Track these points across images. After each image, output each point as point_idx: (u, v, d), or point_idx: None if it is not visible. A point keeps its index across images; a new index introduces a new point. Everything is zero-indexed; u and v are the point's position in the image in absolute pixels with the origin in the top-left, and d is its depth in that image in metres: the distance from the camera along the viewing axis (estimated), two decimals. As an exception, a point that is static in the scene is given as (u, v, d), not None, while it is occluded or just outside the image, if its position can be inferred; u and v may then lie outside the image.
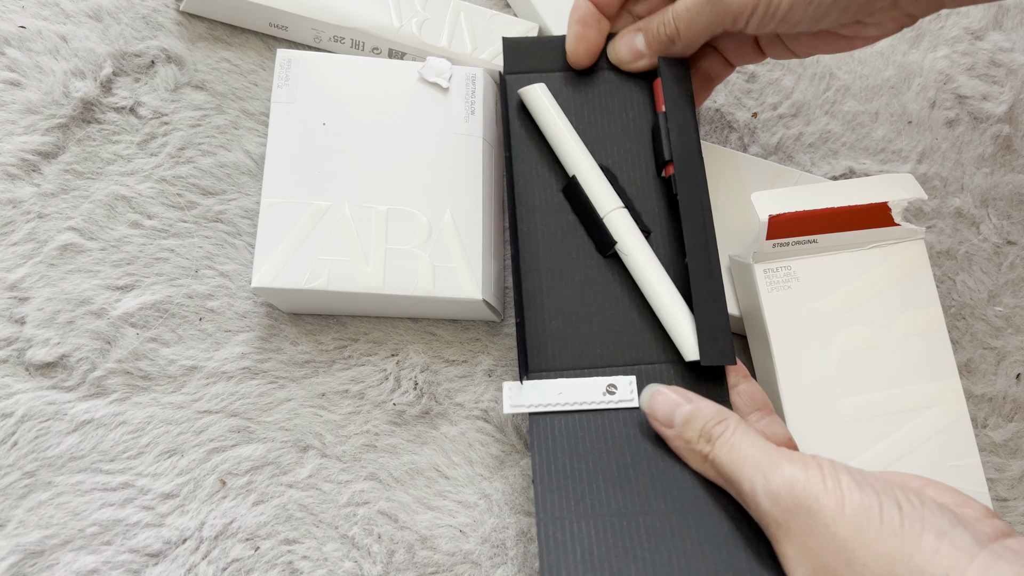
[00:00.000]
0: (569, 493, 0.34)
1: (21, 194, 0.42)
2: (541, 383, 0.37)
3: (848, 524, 0.26)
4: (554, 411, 0.36)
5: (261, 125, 0.46)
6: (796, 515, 0.27)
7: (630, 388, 0.37)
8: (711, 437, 0.32)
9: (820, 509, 0.27)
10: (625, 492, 0.34)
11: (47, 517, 0.38)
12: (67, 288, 0.41)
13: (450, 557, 0.40)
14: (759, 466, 0.29)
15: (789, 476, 0.28)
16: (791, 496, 0.28)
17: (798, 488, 0.28)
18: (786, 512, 0.28)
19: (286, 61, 0.43)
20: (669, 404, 0.34)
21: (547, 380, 0.37)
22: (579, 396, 0.37)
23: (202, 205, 0.44)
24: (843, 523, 0.26)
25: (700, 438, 0.32)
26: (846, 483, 0.27)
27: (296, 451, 0.41)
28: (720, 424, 0.32)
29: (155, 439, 0.40)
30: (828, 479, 0.28)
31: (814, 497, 0.27)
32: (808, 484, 0.28)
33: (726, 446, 0.31)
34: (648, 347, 0.39)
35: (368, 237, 0.40)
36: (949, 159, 0.53)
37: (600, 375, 0.38)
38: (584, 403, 0.37)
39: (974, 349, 0.48)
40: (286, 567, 0.39)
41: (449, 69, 0.44)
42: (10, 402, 0.39)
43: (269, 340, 0.42)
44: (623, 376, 0.38)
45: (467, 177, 0.43)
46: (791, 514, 0.28)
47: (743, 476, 0.30)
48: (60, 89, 0.44)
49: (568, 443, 0.36)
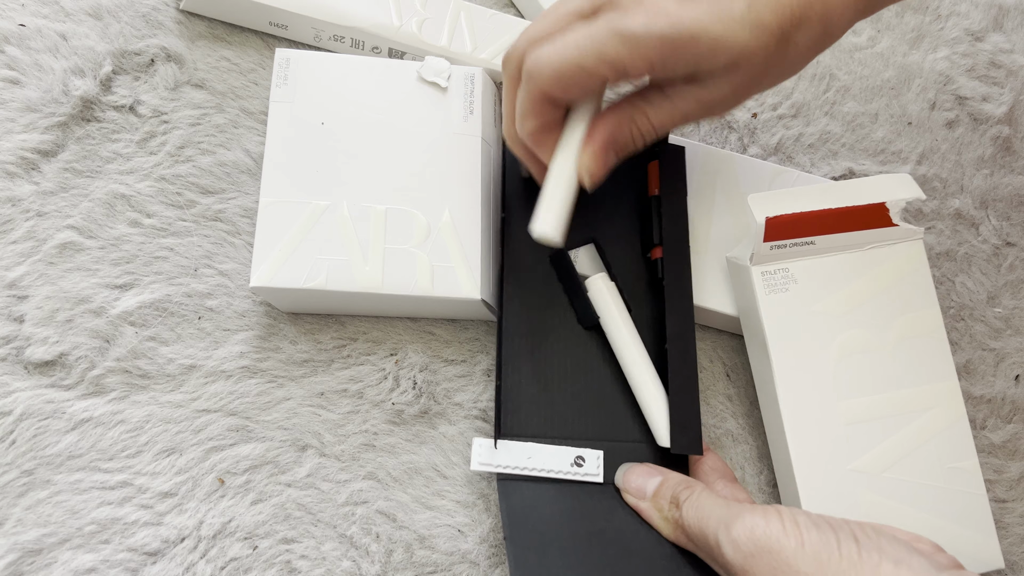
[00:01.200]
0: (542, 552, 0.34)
1: (20, 192, 0.42)
2: (512, 445, 0.38)
3: (809, 560, 0.28)
4: (521, 474, 0.38)
5: (260, 124, 0.46)
6: (759, 558, 0.29)
7: (597, 463, 0.39)
8: (679, 502, 0.34)
9: (781, 549, 0.28)
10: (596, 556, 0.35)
11: (45, 515, 0.38)
12: (66, 286, 0.41)
13: (448, 556, 0.40)
14: (721, 519, 0.31)
15: (749, 523, 0.30)
16: (752, 541, 0.29)
17: (758, 532, 0.29)
18: (749, 557, 0.29)
19: (285, 60, 0.43)
20: (641, 478, 0.37)
21: (518, 443, 0.38)
22: (547, 463, 0.38)
23: (201, 204, 0.44)
24: (804, 559, 0.28)
25: (670, 505, 0.35)
26: (803, 523, 0.29)
27: (295, 450, 0.41)
28: (687, 489, 0.35)
29: (154, 438, 0.40)
30: (787, 522, 0.29)
31: (775, 539, 0.29)
32: (768, 527, 0.29)
33: (692, 507, 0.33)
34: (619, 424, 0.40)
35: (367, 236, 0.40)
36: (949, 160, 0.53)
37: (570, 445, 0.39)
38: (552, 471, 0.38)
39: (973, 351, 0.48)
40: (284, 566, 0.39)
41: (448, 68, 0.44)
42: (9, 400, 0.39)
43: (268, 339, 0.42)
44: (591, 450, 0.39)
45: (466, 177, 0.43)
46: (754, 558, 0.29)
47: (708, 531, 0.32)
48: (60, 87, 0.44)
49: (537, 507, 0.37)
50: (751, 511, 0.31)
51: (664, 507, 0.35)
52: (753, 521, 0.30)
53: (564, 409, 0.40)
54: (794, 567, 0.28)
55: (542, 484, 0.38)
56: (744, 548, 0.29)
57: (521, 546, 0.34)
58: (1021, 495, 0.46)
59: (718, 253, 0.44)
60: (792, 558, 0.28)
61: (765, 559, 0.29)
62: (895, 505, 0.39)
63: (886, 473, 0.39)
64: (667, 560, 0.35)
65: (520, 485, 0.37)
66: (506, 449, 0.38)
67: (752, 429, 0.45)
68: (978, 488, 0.40)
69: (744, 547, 0.29)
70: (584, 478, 0.38)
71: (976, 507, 0.40)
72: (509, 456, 0.38)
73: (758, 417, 0.45)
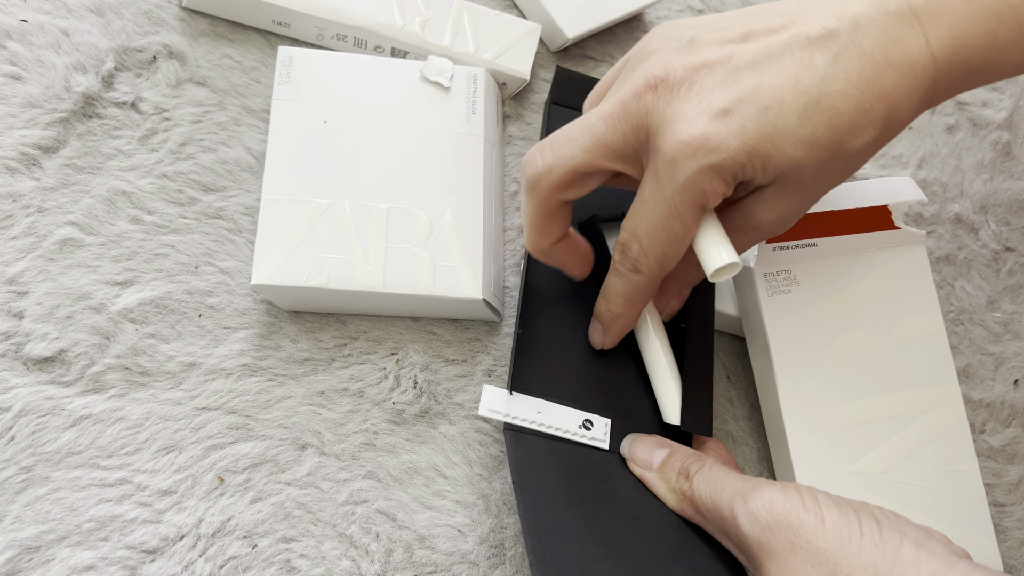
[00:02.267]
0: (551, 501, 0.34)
1: (21, 188, 0.42)
2: (522, 398, 0.38)
3: (830, 537, 0.27)
4: (529, 428, 0.37)
5: (262, 122, 0.46)
6: (778, 532, 0.28)
7: (604, 430, 0.38)
8: (689, 473, 0.33)
9: (801, 525, 0.28)
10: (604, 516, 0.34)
11: (44, 512, 0.38)
12: (66, 283, 0.41)
13: (448, 557, 0.40)
14: (738, 491, 0.30)
15: (769, 496, 0.29)
16: (771, 514, 0.28)
17: (778, 506, 0.29)
18: (767, 530, 0.28)
19: (287, 58, 0.43)
20: (649, 448, 0.36)
21: (529, 397, 0.38)
22: (556, 421, 0.38)
23: (202, 201, 0.44)
24: (825, 536, 0.27)
25: (679, 476, 0.34)
26: (823, 501, 0.29)
27: (295, 449, 0.40)
28: (698, 462, 0.34)
29: (153, 435, 0.40)
30: (806, 498, 0.29)
31: (795, 514, 0.28)
32: (788, 502, 0.29)
33: (704, 479, 0.33)
34: (628, 399, 0.40)
35: (368, 235, 0.40)
36: (949, 165, 0.53)
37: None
38: (560, 430, 0.38)
39: (972, 354, 0.49)
40: (283, 565, 0.38)
41: (451, 68, 0.44)
42: (7, 396, 0.39)
43: (268, 337, 0.42)
44: (599, 416, 0.38)
45: (468, 177, 0.43)
46: (772, 532, 0.28)
47: (722, 503, 0.31)
48: (61, 83, 0.43)
49: (544, 461, 0.36)
50: (769, 485, 0.30)
51: (672, 478, 0.34)
52: (772, 495, 0.29)
53: (576, 375, 0.39)
54: (814, 544, 0.27)
55: (549, 441, 0.37)
56: (762, 520, 0.29)
57: (531, 492, 0.34)
58: (1020, 499, 0.46)
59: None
60: (812, 535, 0.27)
61: (784, 534, 0.28)
62: (895, 507, 0.39)
63: (886, 475, 0.39)
64: (673, 530, 0.34)
65: (527, 438, 0.37)
66: (517, 401, 0.37)
67: (752, 431, 0.45)
68: (978, 491, 0.40)
69: (762, 519, 0.29)
70: (591, 442, 0.38)
71: (976, 510, 0.40)
72: (519, 408, 0.37)
73: (759, 420, 0.45)
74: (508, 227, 0.46)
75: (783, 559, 0.28)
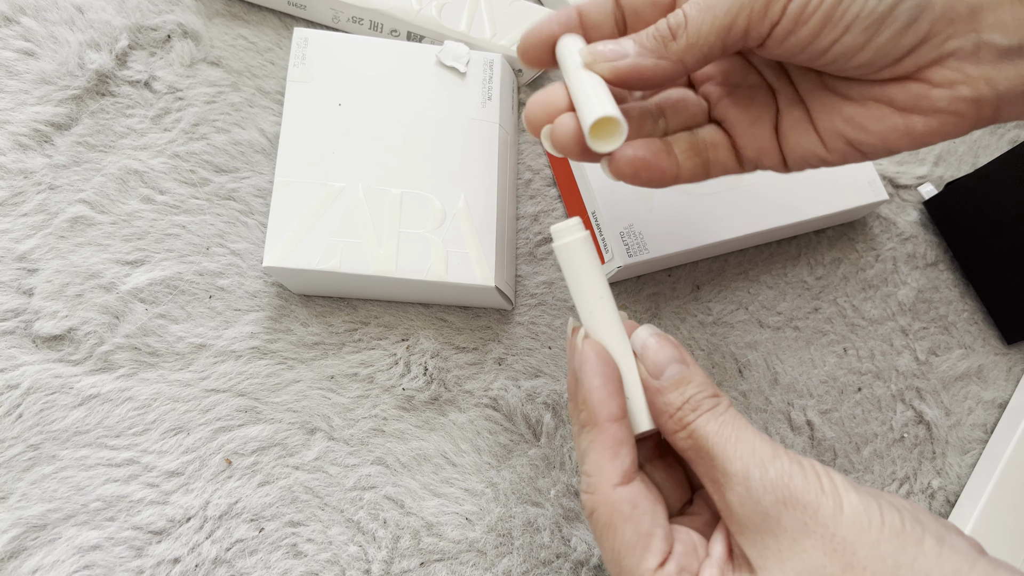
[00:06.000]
0: None
1: (33, 165, 0.42)
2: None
3: (848, 525, 0.25)
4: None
5: (276, 104, 0.45)
6: (792, 509, 0.26)
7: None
8: (698, 407, 0.29)
9: (819, 507, 0.26)
10: None
11: (50, 491, 0.38)
12: (76, 261, 0.41)
13: (455, 545, 0.39)
14: (756, 452, 0.27)
15: (788, 469, 0.27)
16: (788, 489, 0.26)
17: (796, 482, 0.26)
18: (780, 504, 0.26)
19: (303, 40, 0.43)
20: (665, 352, 0.30)
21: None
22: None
23: (215, 182, 0.43)
24: (842, 523, 0.25)
25: (686, 405, 0.29)
26: (841, 484, 0.26)
27: (303, 433, 0.40)
28: (713, 399, 0.29)
29: (161, 416, 0.39)
30: (823, 479, 0.27)
31: (813, 494, 0.26)
32: (806, 481, 0.26)
33: (716, 421, 0.29)
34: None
35: (381, 220, 0.40)
36: (966, 163, 0.52)
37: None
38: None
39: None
40: (290, 549, 0.38)
41: (467, 54, 0.44)
42: (16, 374, 0.39)
43: (279, 320, 0.42)
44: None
45: (482, 163, 0.42)
46: (785, 507, 0.26)
47: (734, 456, 0.27)
48: (75, 60, 0.43)
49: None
50: (788, 456, 0.27)
51: (676, 403, 0.29)
52: (792, 468, 0.27)
53: None
54: (831, 529, 0.25)
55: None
56: (778, 493, 0.26)
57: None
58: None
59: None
60: (829, 519, 0.25)
61: (798, 513, 0.26)
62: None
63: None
64: None
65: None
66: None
67: (761, 428, 0.44)
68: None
69: (778, 492, 0.26)
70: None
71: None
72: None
73: (772, 412, 0.44)
74: (521, 215, 0.46)
75: (792, 538, 0.26)
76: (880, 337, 0.47)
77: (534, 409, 0.42)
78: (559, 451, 0.42)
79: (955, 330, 0.48)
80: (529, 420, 0.42)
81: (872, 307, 0.48)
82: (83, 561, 0.37)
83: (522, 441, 0.42)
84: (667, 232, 0.43)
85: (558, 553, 0.40)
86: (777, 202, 0.44)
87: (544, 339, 0.44)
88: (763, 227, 0.44)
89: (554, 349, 0.44)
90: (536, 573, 0.39)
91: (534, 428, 0.42)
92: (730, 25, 0.28)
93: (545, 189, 0.47)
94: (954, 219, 0.49)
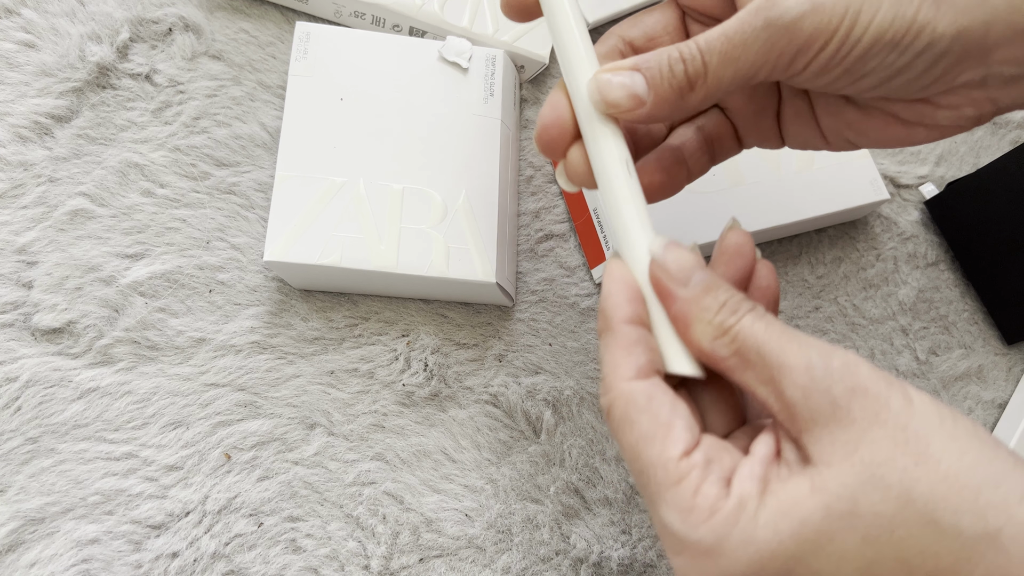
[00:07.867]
0: None
1: (33, 157, 0.41)
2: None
3: (920, 418, 0.24)
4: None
5: (277, 98, 0.45)
6: (862, 398, 0.24)
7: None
8: (738, 309, 0.27)
9: (889, 397, 0.24)
10: None
11: (49, 484, 0.37)
12: (76, 254, 0.41)
13: (455, 541, 0.39)
14: (812, 345, 0.25)
15: (852, 359, 0.25)
16: (856, 377, 0.24)
17: (863, 371, 0.24)
18: (850, 392, 0.24)
19: (305, 34, 0.43)
20: (688, 263, 0.28)
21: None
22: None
23: (215, 176, 0.43)
24: (914, 415, 0.24)
25: (724, 308, 0.27)
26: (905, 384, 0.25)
27: (303, 428, 0.40)
28: (748, 301, 0.27)
29: (161, 410, 0.39)
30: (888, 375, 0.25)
31: (880, 387, 0.24)
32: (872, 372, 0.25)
33: (763, 320, 0.26)
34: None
35: (382, 215, 0.40)
36: (967, 163, 0.52)
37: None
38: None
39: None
40: (289, 544, 0.38)
41: (469, 49, 0.44)
42: (15, 367, 0.39)
43: (279, 315, 0.42)
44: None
45: (484, 159, 0.42)
46: (855, 396, 0.24)
47: (789, 351, 0.25)
48: (76, 53, 0.43)
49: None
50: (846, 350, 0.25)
51: (713, 307, 0.27)
52: (856, 358, 0.25)
53: None
54: (903, 420, 0.23)
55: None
56: (846, 382, 0.24)
57: None
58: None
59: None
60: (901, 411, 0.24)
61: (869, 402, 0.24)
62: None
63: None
64: None
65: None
66: None
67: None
68: None
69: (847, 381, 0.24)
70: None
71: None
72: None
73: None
74: (523, 211, 0.46)
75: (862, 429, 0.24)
76: (880, 336, 0.47)
77: (534, 406, 0.42)
78: (559, 448, 0.42)
79: (955, 330, 0.48)
80: (529, 417, 0.42)
81: (873, 306, 0.48)
82: (81, 555, 0.37)
83: (522, 438, 0.42)
84: (667, 231, 0.43)
85: (557, 550, 0.40)
86: (778, 201, 0.44)
87: (545, 336, 0.44)
88: (764, 226, 0.44)
89: (554, 346, 0.44)
90: (535, 570, 0.39)
91: (534, 425, 0.42)
92: (752, 77, 0.27)
93: (546, 186, 0.47)
94: (955, 219, 0.49)
